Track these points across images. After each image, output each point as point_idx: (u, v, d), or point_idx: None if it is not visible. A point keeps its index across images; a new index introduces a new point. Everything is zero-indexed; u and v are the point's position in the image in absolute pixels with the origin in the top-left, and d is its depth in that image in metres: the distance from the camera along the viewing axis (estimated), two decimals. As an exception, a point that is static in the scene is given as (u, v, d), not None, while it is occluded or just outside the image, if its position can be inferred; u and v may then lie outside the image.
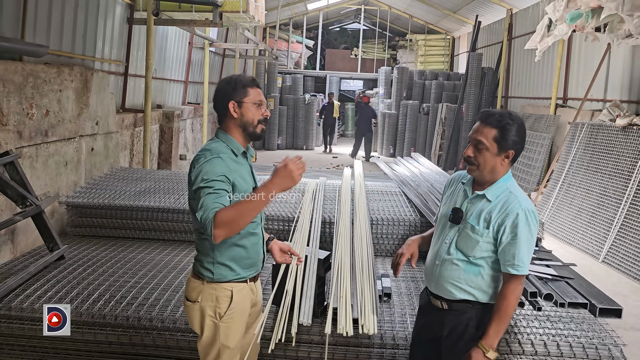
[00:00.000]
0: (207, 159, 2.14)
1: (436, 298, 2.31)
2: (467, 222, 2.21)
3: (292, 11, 18.07)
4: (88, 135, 5.60)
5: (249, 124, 2.29)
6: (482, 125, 2.17)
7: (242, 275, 2.31)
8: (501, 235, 2.14)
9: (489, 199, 2.20)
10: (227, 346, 2.27)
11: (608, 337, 3.25)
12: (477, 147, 2.17)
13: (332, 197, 5.03)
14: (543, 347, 3.15)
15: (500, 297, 2.17)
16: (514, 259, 2.13)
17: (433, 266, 2.30)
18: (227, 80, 2.33)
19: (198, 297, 2.28)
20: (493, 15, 14.13)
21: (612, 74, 8.40)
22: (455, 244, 2.24)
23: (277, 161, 13.24)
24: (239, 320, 2.32)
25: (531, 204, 2.16)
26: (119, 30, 6.74)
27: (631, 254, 6.00)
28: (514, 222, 2.12)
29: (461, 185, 2.34)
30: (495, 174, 2.21)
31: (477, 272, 2.21)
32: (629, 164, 6.59)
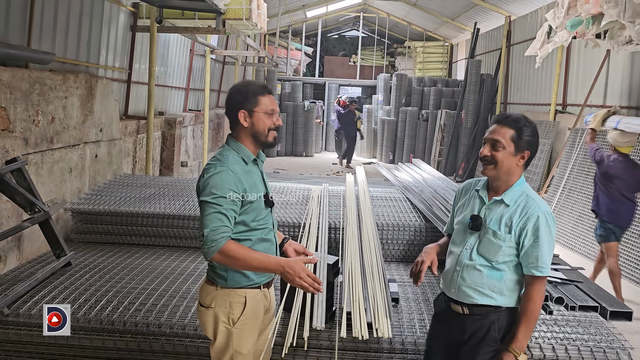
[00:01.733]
0: (216, 171, 2.15)
1: (456, 304, 2.32)
2: (488, 228, 2.23)
3: (291, 19, 18.15)
4: (92, 142, 5.61)
5: (260, 134, 2.28)
6: (500, 126, 2.23)
7: (256, 281, 2.30)
8: (523, 238, 2.18)
9: (507, 204, 2.23)
10: (239, 352, 2.27)
11: (616, 340, 3.27)
12: (494, 147, 2.21)
13: (336, 204, 5.04)
14: (551, 351, 3.16)
15: (526, 300, 2.20)
16: (538, 261, 2.17)
17: (453, 272, 2.32)
18: (238, 88, 2.31)
19: (212, 303, 2.27)
20: (491, 22, 14.23)
21: (612, 80, 8.45)
22: (477, 250, 2.26)
23: (277, 168, 13.32)
24: (252, 326, 2.32)
25: (548, 207, 2.21)
26: (122, 37, 6.77)
27: (633, 259, 6.03)
28: (535, 225, 2.16)
29: (475, 192, 2.36)
30: (511, 175, 2.25)
31: (500, 277, 2.24)
32: (630, 169, 6.62)
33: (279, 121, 2.34)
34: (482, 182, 2.39)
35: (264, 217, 2.32)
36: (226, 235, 2.09)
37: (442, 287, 2.41)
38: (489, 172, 2.25)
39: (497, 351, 2.25)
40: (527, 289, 2.22)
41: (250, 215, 2.25)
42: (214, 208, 2.09)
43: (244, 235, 2.24)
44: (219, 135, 12.15)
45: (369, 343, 3.24)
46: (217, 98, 13.30)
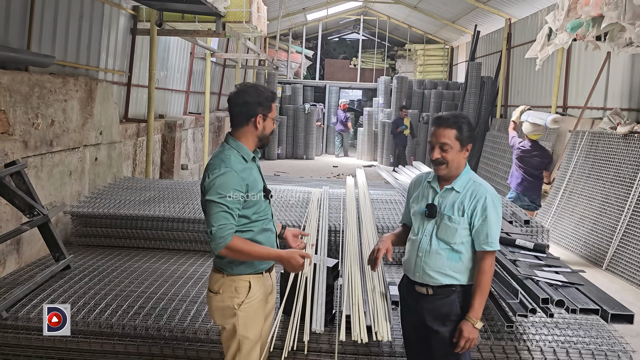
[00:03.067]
0: (222, 172, 2.31)
1: (421, 286, 2.52)
2: (444, 214, 2.47)
3: (292, 22, 18.17)
4: (92, 145, 5.61)
5: (265, 137, 2.50)
6: (442, 129, 2.46)
7: (259, 268, 2.49)
8: (474, 219, 2.43)
9: (457, 191, 2.49)
10: (246, 337, 2.42)
11: (617, 343, 3.25)
12: (442, 149, 2.45)
13: (336, 206, 5.03)
14: (552, 354, 3.15)
15: (480, 273, 2.43)
16: (488, 238, 2.42)
17: (416, 258, 2.52)
18: (254, 92, 2.43)
19: (219, 289, 2.44)
20: (492, 25, 14.23)
21: (612, 82, 8.44)
22: (435, 235, 2.48)
23: (278, 171, 13.31)
24: (257, 309, 2.47)
25: (493, 189, 2.51)
26: (122, 40, 6.77)
27: (634, 261, 6.01)
28: (484, 206, 2.43)
29: (427, 184, 2.59)
30: (459, 167, 2.51)
31: (459, 258, 2.46)
32: (630, 172, 6.61)
33: (275, 126, 2.57)
34: (432, 174, 2.61)
35: (264, 208, 2.50)
36: (232, 231, 2.29)
37: (406, 272, 2.61)
38: (442, 172, 2.49)
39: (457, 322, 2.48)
40: (479, 264, 2.45)
41: (252, 209, 2.42)
42: (220, 207, 2.28)
43: (247, 227, 2.42)
44: (219, 138, 12.13)
45: (369, 346, 3.23)
46: (218, 101, 13.30)
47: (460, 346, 2.42)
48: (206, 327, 3.27)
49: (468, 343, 2.41)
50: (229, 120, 2.52)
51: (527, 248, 3.40)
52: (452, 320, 2.49)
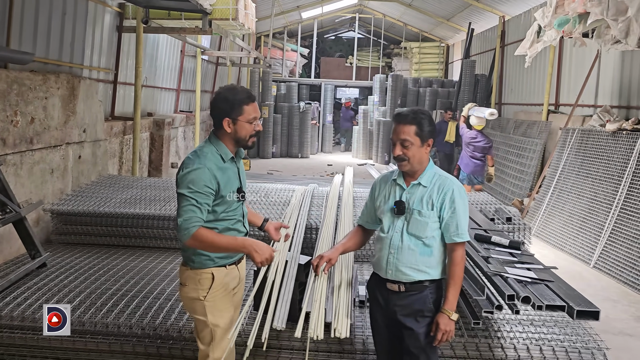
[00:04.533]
0: (194, 168, 2.37)
1: (393, 283, 2.51)
2: (413, 209, 2.48)
3: (286, 20, 18.12)
4: (75, 142, 5.58)
5: (241, 139, 2.49)
6: (402, 125, 2.47)
7: (220, 263, 2.52)
8: (443, 212, 2.46)
9: (424, 185, 2.50)
10: (217, 325, 2.48)
11: (592, 341, 3.24)
12: (403, 145, 2.46)
13: (319, 204, 5.01)
14: (526, 351, 3.13)
15: (452, 265, 2.46)
16: (458, 229, 2.45)
17: (388, 256, 2.51)
18: (225, 96, 2.45)
19: (186, 281, 2.52)
20: (486, 23, 14.19)
21: (603, 80, 8.42)
22: (406, 231, 2.49)
23: (271, 169, 13.28)
24: (223, 299, 2.53)
25: (458, 181, 2.53)
26: (108, 38, 6.74)
27: (621, 259, 5.98)
28: (451, 198, 2.45)
29: (393, 182, 2.60)
30: (422, 162, 2.51)
31: (430, 252, 2.47)
32: (618, 169, 6.59)
33: (259, 127, 2.53)
34: (397, 172, 2.61)
35: (234, 209, 2.53)
36: (197, 224, 2.34)
37: (376, 271, 2.59)
38: (405, 168, 2.51)
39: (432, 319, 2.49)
40: (451, 256, 2.47)
41: (222, 207, 2.47)
42: (188, 201, 2.34)
43: (211, 225, 2.46)
44: (212, 137, 12.13)
45: (342, 344, 3.22)
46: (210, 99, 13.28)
47: (437, 339, 2.42)
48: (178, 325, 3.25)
49: (445, 336, 2.42)
50: None
51: (502, 245, 3.38)
52: (425, 316, 2.49)
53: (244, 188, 2.60)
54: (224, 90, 2.49)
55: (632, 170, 6.32)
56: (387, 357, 2.66)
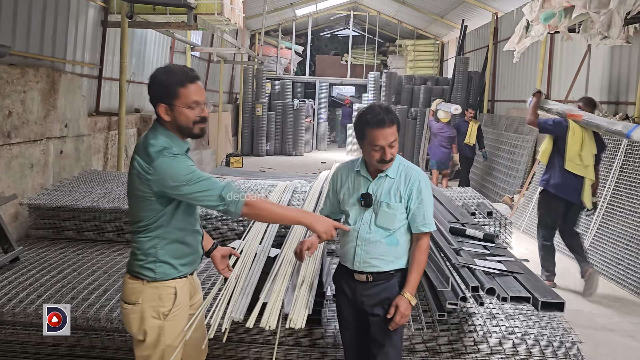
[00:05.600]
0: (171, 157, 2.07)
1: (360, 273, 2.51)
2: (381, 201, 2.47)
3: (280, 17, 18.07)
4: (56, 137, 5.54)
5: (184, 127, 2.16)
6: (388, 129, 2.39)
7: (184, 272, 2.25)
8: (410, 202, 2.47)
9: (391, 177, 2.49)
10: (171, 345, 2.20)
11: (566, 334, 3.19)
12: (391, 146, 2.41)
13: (301, 199, 4.97)
14: (498, 345, 3.09)
15: (418, 251, 2.47)
16: (425, 219, 2.47)
17: (355, 248, 2.49)
18: (158, 78, 2.14)
19: (138, 299, 2.17)
20: (480, 20, 14.14)
21: (592, 76, 8.38)
22: (374, 223, 2.47)
23: (263, 167, 13.23)
24: (183, 316, 2.26)
25: (422, 171, 2.55)
26: (92, 32, 6.69)
27: (607, 255, 5.95)
28: (418, 189, 2.47)
29: (356, 174, 2.56)
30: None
31: (397, 242, 2.48)
32: (606, 164, 6.54)
33: (204, 112, 2.18)
34: (359, 163, 2.57)
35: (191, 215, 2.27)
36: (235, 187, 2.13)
37: (343, 262, 2.58)
38: (387, 166, 2.48)
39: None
40: (417, 244, 2.49)
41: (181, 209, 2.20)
42: (200, 176, 2.07)
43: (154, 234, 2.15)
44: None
45: (313, 338, 3.18)
46: (203, 96, 13.21)
47: (395, 322, 2.41)
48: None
49: (404, 319, 2.41)
50: None
51: (476, 238, 3.34)
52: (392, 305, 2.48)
53: None
54: (158, 72, 2.17)
55: (619, 166, 6.29)
56: (355, 349, 2.64)
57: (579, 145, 5.18)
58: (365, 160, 2.55)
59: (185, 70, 2.17)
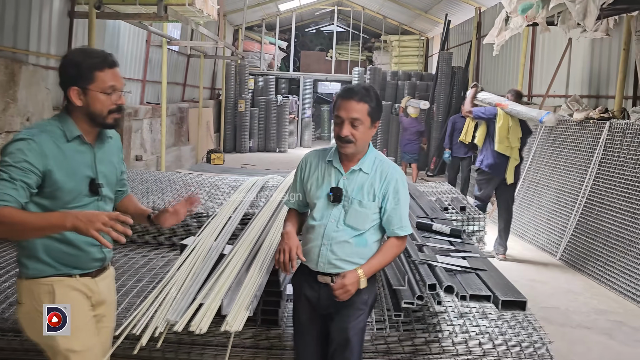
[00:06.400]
0: (20, 138, 1.85)
1: (325, 275, 2.30)
2: (352, 198, 2.26)
3: (263, 12, 17.86)
4: (17, 131, 5.31)
5: (96, 115, 1.96)
6: (354, 102, 2.20)
7: (64, 271, 1.99)
8: (386, 202, 2.26)
9: (366, 172, 2.27)
10: (72, 350, 1.96)
11: (535, 334, 3.06)
12: (353, 125, 2.20)
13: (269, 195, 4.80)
14: (464, 345, 2.95)
15: (391, 245, 2.29)
16: (401, 221, 2.27)
17: (321, 247, 2.28)
18: (72, 59, 1.95)
19: (22, 298, 2.00)
20: (463, 14, 14.04)
21: (573, 70, 8.30)
22: (343, 222, 2.26)
23: (245, 164, 13.04)
24: (77, 313, 1.99)
25: (399, 167, 2.38)
26: (58, 23, 6.45)
27: (586, 250, 5.85)
28: (395, 188, 2.27)
29: (328, 164, 2.33)
30: (366, 146, 2.30)
31: (365, 243, 2.28)
32: (585, 159, 6.45)
33: (121, 100, 2.01)
34: (332, 152, 2.34)
35: (83, 205, 1.97)
36: (6, 203, 1.74)
37: (306, 263, 2.33)
38: (349, 150, 2.24)
39: (366, 314, 2.33)
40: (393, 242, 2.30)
41: (58, 201, 1.92)
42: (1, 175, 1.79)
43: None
44: (182, 130, 11.86)
45: (270, 340, 3.02)
46: (182, 92, 12.99)
47: (335, 289, 2.16)
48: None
49: (344, 293, 2.17)
50: None
51: (443, 233, 3.20)
52: (358, 309, 2.31)
53: (100, 179, 2.03)
54: (74, 53, 2.00)
55: (598, 160, 6.19)
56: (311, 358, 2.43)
57: (506, 130, 6.07)
58: (339, 152, 2.33)
59: (104, 54, 1.99)
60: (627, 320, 4.58)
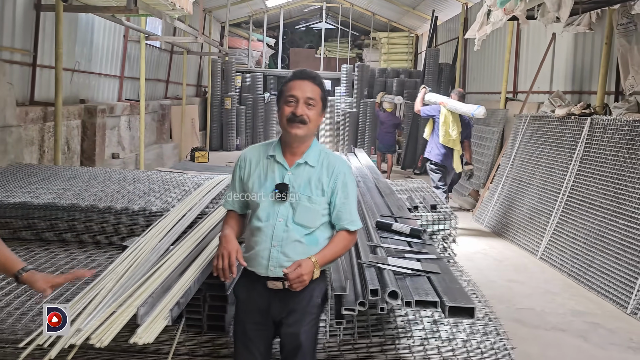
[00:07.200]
0: None
1: (275, 280, 2.13)
2: (300, 194, 2.14)
3: (250, 8, 17.65)
4: (-24, 128, 5.12)
5: None
6: (310, 82, 2.15)
7: None
8: (335, 197, 2.17)
9: (312, 165, 2.17)
10: None
11: (499, 340, 2.90)
12: (308, 105, 2.12)
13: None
14: (422, 352, 2.78)
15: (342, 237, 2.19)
16: (351, 216, 2.19)
17: (270, 249, 2.12)
18: None
19: None
20: (451, 11, 13.90)
21: (557, 66, 8.17)
22: (292, 220, 2.13)
23: (231, 162, 12.81)
24: None
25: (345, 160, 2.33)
26: (23, 16, 6.24)
27: (566, 250, 5.70)
28: (344, 182, 2.18)
29: (271, 159, 2.19)
30: (312, 135, 2.21)
31: (317, 241, 2.17)
32: (566, 156, 6.30)
33: None
34: (273, 146, 2.22)
35: None
36: None
37: (252, 268, 2.16)
38: (301, 132, 2.12)
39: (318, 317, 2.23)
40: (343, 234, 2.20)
41: None
42: None
43: None
44: (164, 127, 11.64)
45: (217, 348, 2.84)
46: (165, 88, 12.78)
47: (290, 278, 2.03)
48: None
49: (299, 283, 2.04)
50: None
51: (403, 233, 3.03)
52: (310, 313, 2.18)
53: None
54: None
55: (579, 157, 6.04)
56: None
57: (448, 125, 7.02)
58: (282, 144, 2.21)
59: None
60: (604, 322, 4.42)
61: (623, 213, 5.06)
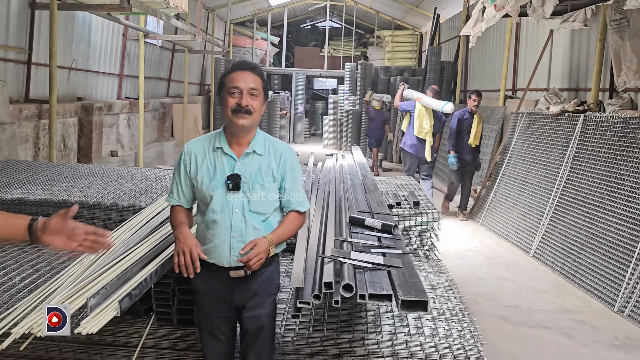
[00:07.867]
0: None
1: (237, 269, 2.19)
2: (253, 183, 2.18)
3: (254, 7, 17.67)
4: (-32, 125, 5.18)
5: None
6: (251, 73, 2.17)
7: None
8: (285, 182, 2.25)
9: (259, 153, 2.21)
10: None
11: (469, 335, 2.89)
12: (251, 95, 2.15)
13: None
14: (390, 347, 2.78)
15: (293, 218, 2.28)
16: (300, 198, 2.28)
17: (231, 240, 2.16)
18: None
19: None
20: (453, 9, 13.82)
21: (555, 63, 8.10)
22: (249, 209, 2.17)
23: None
24: None
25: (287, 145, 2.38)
26: (17, 14, 6.30)
27: (558, 247, 5.65)
28: (291, 167, 2.26)
29: (218, 151, 2.21)
30: (256, 125, 2.25)
31: (271, 227, 2.23)
32: (560, 154, 6.25)
33: None
34: (218, 138, 2.23)
35: None
36: None
37: (213, 260, 2.18)
38: (246, 122, 2.14)
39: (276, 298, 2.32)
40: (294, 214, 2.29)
41: None
42: None
43: None
44: (164, 125, 11.71)
45: (187, 341, 2.86)
46: (167, 87, 12.85)
47: (248, 257, 2.06)
48: None
49: (257, 261, 2.08)
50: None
51: (374, 228, 3.03)
52: (270, 294, 2.30)
53: None
54: None
55: (572, 154, 5.99)
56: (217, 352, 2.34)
57: (422, 118, 7.70)
58: (227, 135, 2.22)
59: None
60: (590, 319, 4.39)
61: (614, 211, 5.01)
